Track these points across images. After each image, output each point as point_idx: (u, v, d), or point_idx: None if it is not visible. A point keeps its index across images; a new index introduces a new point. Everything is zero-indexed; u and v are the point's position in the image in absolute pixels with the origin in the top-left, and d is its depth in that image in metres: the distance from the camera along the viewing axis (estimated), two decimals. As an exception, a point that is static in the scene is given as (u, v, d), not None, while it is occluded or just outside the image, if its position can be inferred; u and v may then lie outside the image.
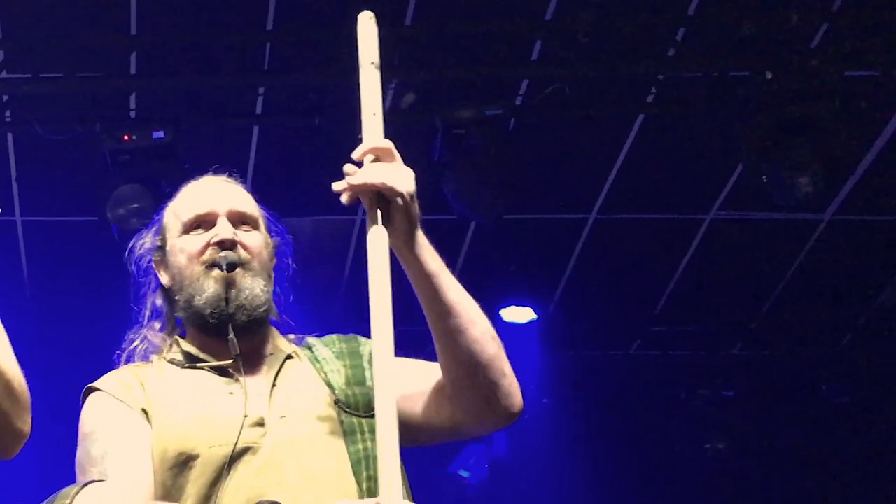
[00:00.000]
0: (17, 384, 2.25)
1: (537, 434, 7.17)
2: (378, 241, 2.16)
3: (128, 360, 2.49)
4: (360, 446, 2.29)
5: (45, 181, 6.11)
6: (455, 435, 2.40)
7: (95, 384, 2.39)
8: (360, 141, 2.22)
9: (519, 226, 6.30)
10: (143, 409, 2.33)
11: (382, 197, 2.18)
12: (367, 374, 2.36)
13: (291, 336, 2.48)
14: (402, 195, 2.17)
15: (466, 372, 2.27)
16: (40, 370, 6.21)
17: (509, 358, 2.34)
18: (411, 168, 2.22)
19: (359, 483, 2.25)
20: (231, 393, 2.33)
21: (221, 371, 2.38)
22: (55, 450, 6.56)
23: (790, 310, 7.24)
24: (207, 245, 2.39)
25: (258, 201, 2.53)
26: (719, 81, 5.37)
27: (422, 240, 2.24)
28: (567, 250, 6.77)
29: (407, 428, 2.28)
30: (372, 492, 2.22)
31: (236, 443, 2.23)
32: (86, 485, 2.14)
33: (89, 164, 5.58)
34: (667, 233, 6.70)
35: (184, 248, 2.41)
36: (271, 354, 2.42)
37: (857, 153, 5.92)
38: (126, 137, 5.40)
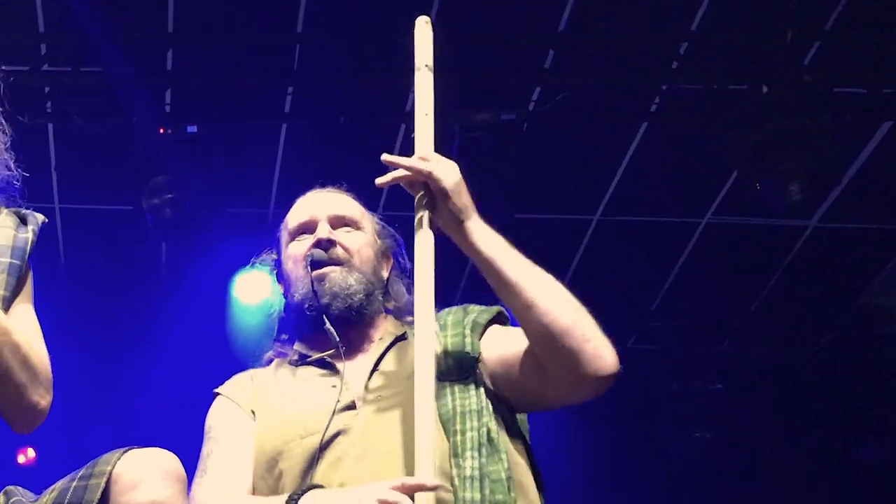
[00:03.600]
0: (34, 357, 2.14)
1: (534, 423, 7.11)
2: (424, 241, 2.17)
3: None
4: (450, 406, 2.23)
5: (83, 171, 6.09)
6: (559, 400, 2.28)
7: (219, 388, 2.46)
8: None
9: (529, 224, 6.28)
10: (251, 409, 2.37)
11: (429, 190, 2.20)
12: (467, 340, 2.32)
13: (409, 318, 2.44)
14: (446, 187, 2.18)
15: (544, 343, 2.21)
16: (75, 352, 6.19)
17: None
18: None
19: (448, 439, 2.20)
20: (333, 386, 2.32)
21: (327, 365, 2.38)
22: (87, 432, 6.54)
23: (776, 309, 7.21)
24: (310, 248, 2.43)
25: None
26: (718, 93, 5.36)
27: (475, 226, 2.23)
28: (572, 249, 6.75)
29: (517, 394, 2.29)
30: (457, 445, 2.18)
31: (326, 429, 2.23)
32: (127, 450, 2.10)
33: (125, 156, 5.54)
34: (664, 234, 6.70)
35: (291, 255, 2.46)
36: (380, 339, 2.41)
37: (842, 164, 5.90)
38: (161, 130, 5.36)
